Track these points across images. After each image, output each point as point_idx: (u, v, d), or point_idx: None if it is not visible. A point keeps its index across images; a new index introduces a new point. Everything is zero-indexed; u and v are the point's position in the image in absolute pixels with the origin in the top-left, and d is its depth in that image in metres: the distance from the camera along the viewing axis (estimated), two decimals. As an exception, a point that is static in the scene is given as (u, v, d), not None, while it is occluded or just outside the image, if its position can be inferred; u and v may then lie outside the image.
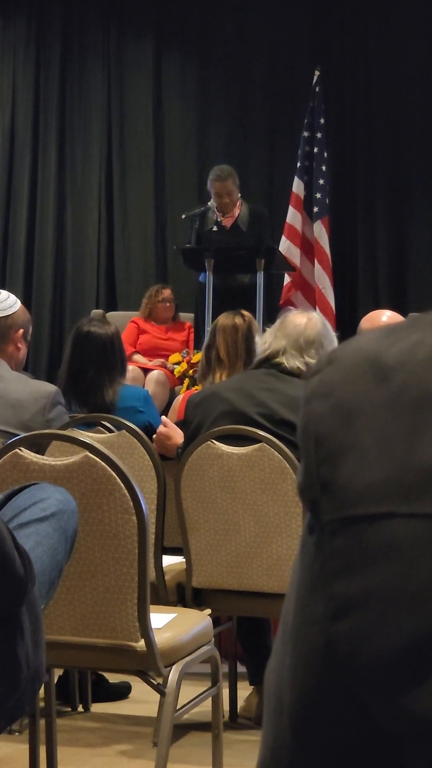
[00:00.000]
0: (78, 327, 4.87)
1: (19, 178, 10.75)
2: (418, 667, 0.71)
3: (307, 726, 0.77)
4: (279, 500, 3.90)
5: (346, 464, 0.75)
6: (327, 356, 0.81)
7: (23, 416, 3.93)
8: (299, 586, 0.78)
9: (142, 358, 8.93)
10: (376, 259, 9.95)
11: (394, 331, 0.80)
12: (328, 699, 0.76)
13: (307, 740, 0.78)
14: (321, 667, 0.76)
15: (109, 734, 4.22)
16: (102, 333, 4.76)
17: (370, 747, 0.75)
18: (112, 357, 4.75)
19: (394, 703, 0.72)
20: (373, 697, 0.73)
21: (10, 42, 10.85)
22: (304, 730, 0.78)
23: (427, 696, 0.70)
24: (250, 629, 4.34)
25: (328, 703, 0.76)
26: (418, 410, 0.75)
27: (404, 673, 0.71)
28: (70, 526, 2.49)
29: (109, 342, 4.76)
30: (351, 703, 0.75)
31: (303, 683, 0.77)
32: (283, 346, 4.16)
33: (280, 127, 10.19)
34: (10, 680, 2.16)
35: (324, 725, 0.76)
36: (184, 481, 4.01)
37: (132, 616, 2.91)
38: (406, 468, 0.73)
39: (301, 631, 0.77)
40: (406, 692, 0.71)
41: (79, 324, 4.91)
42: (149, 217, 10.53)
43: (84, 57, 10.74)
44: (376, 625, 0.72)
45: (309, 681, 0.77)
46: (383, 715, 0.73)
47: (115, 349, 4.79)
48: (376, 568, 0.73)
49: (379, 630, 0.72)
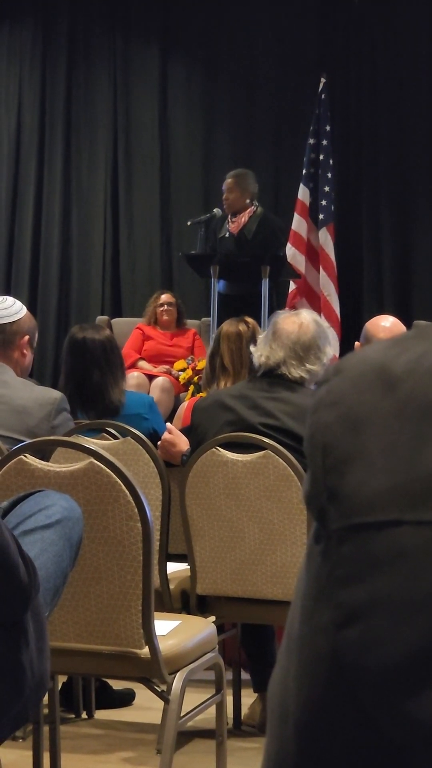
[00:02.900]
0: (72, 335, 4.84)
1: (25, 185, 10.77)
2: (424, 675, 0.71)
3: (312, 735, 0.77)
4: (283, 508, 3.90)
5: (353, 473, 0.75)
6: (334, 367, 0.82)
7: (28, 423, 3.93)
8: (305, 595, 0.78)
9: (147, 364, 8.93)
10: (381, 266, 9.95)
11: (401, 341, 0.80)
12: (333, 708, 0.76)
13: (311, 749, 0.78)
14: (327, 675, 0.76)
15: (112, 741, 4.22)
16: (99, 338, 4.77)
17: (374, 756, 0.75)
18: (113, 359, 4.76)
19: (399, 711, 0.72)
20: (378, 706, 0.73)
21: (17, 48, 10.87)
22: (308, 739, 0.78)
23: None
24: (255, 636, 4.34)
25: (333, 712, 0.76)
26: (425, 419, 0.75)
27: (410, 680, 0.71)
28: (75, 534, 2.49)
29: (109, 345, 4.77)
30: (356, 712, 0.75)
31: (308, 692, 0.77)
32: (282, 358, 4.12)
33: (285, 135, 10.20)
34: (15, 687, 2.16)
35: (329, 734, 0.76)
36: (189, 488, 4.01)
37: (136, 622, 2.90)
38: (413, 476, 0.74)
39: (306, 640, 0.77)
40: (412, 700, 0.71)
41: (71, 333, 4.89)
42: (155, 223, 10.54)
43: (90, 63, 10.76)
44: (382, 632, 0.73)
45: (314, 690, 0.77)
46: (388, 723, 0.73)
47: (115, 351, 4.80)
48: (382, 576, 0.73)
49: (386, 638, 0.72)
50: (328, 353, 4.21)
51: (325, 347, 4.19)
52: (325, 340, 4.22)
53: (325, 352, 4.19)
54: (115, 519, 2.86)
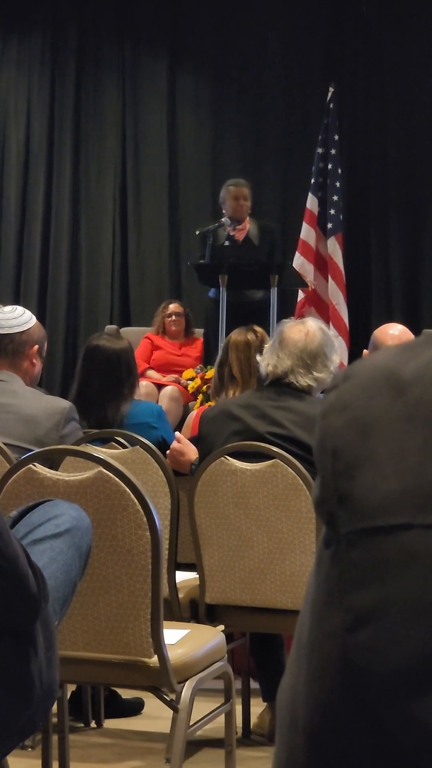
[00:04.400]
0: (89, 341, 4.85)
1: (34, 195, 10.78)
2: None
3: (322, 741, 0.77)
4: (292, 516, 3.90)
5: (363, 476, 0.75)
6: (344, 372, 0.82)
7: (37, 432, 3.94)
8: (315, 600, 0.78)
9: (156, 373, 8.94)
10: (390, 275, 9.95)
11: (410, 347, 0.81)
12: (343, 713, 0.76)
13: (321, 756, 0.77)
14: (337, 680, 0.76)
15: (121, 750, 4.21)
16: (110, 347, 4.72)
17: (385, 763, 0.75)
18: (118, 372, 4.69)
19: (409, 715, 0.72)
20: (388, 710, 0.73)
21: (26, 59, 10.89)
22: (318, 745, 0.77)
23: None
24: (263, 645, 4.34)
25: (343, 717, 0.76)
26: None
27: (420, 684, 0.71)
28: (84, 543, 2.49)
29: (116, 357, 4.70)
30: (366, 717, 0.75)
31: (318, 698, 0.77)
32: (290, 366, 4.12)
33: (294, 144, 10.21)
34: (24, 696, 2.16)
35: (339, 740, 0.76)
36: (198, 497, 4.01)
37: (145, 631, 2.90)
38: (423, 479, 0.74)
39: (316, 645, 0.77)
40: (422, 703, 0.71)
41: (90, 338, 4.90)
42: (163, 233, 10.55)
43: (98, 74, 10.78)
44: (392, 636, 0.72)
45: (324, 695, 0.77)
46: (399, 727, 0.73)
47: (122, 364, 4.72)
48: (392, 579, 0.73)
49: (395, 641, 0.72)
50: (335, 361, 4.21)
51: (332, 355, 4.19)
52: (332, 348, 4.21)
53: (332, 360, 4.18)
54: (123, 528, 2.86)
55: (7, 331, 4.09)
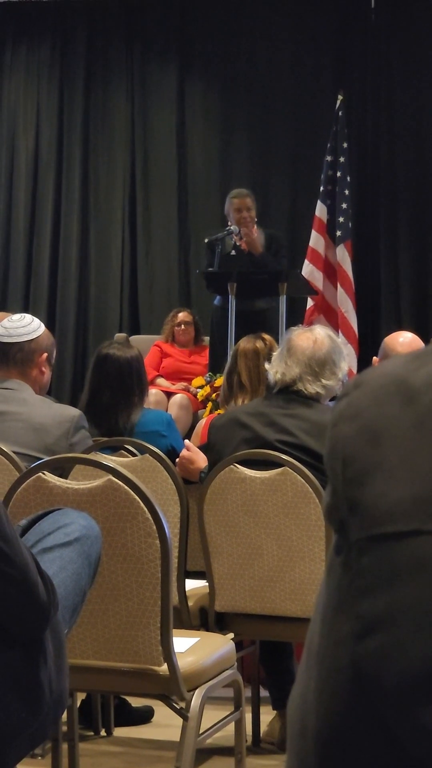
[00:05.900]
0: (99, 349, 4.86)
1: (43, 203, 10.80)
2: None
3: (332, 749, 0.77)
4: (302, 524, 3.89)
5: (374, 484, 0.75)
6: (354, 380, 0.82)
7: (47, 440, 3.94)
8: (325, 608, 0.78)
9: (165, 381, 8.94)
10: (399, 283, 9.94)
11: (420, 355, 0.81)
12: (353, 721, 0.76)
13: (331, 763, 0.77)
14: (347, 688, 0.76)
15: (131, 758, 4.21)
16: (120, 356, 4.72)
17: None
18: (129, 381, 4.70)
19: (418, 723, 0.72)
20: (397, 717, 0.73)
21: (35, 67, 10.92)
22: (328, 753, 0.77)
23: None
24: (273, 653, 4.33)
25: (353, 725, 0.76)
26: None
27: (429, 692, 0.71)
28: (93, 552, 2.49)
29: (127, 365, 4.71)
30: (376, 724, 0.74)
31: (328, 705, 0.77)
32: (298, 374, 4.12)
33: (302, 152, 10.22)
34: (33, 705, 2.16)
35: (348, 748, 0.76)
36: (207, 505, 4.01)
37: (155, 640, 2.90)
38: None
39: (326, 653, 0.77)
40: (430, 710, 0.71)
41: (101, 346, 4.91)
42: (172, 241, 10.56)
43: (107, 81, 10.80)
44: (401, 643, 0.72)
45: (334, 703, 0.77)
46: (408, 735, 0.73)
47: (133, 372, 4.72)
48: (403, 586, 0.73)
49: (405, 648, 0.72)
50: (343, 368, 4.20)
51: (340, 362, 4.18)
52: (340, 355, 4.21)
53: (341, 367, 4.18)
54: (133, 536, 2.86)
55: (15, 340, 4.10)
